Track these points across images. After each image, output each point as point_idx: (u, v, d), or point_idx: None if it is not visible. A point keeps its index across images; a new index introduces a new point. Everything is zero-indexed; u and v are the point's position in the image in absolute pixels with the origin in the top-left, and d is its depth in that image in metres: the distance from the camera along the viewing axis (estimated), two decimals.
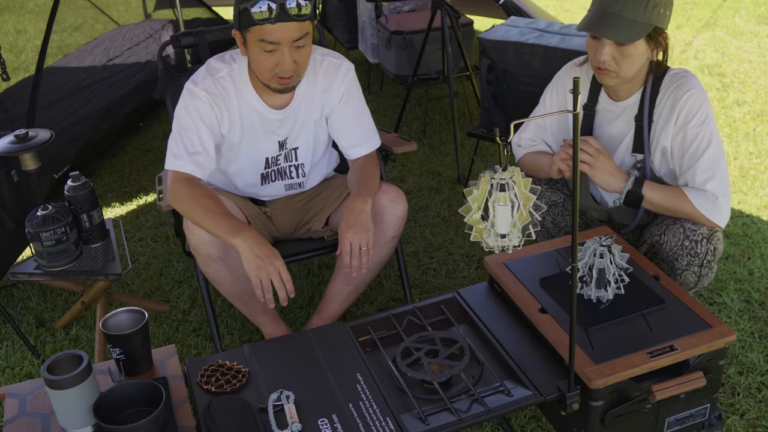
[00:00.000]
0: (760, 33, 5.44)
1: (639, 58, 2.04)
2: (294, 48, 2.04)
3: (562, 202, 2.34)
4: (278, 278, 2.00)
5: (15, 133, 2.28)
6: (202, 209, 2.09)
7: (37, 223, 2.20)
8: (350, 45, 4.77)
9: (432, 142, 4.02)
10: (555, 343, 1.79)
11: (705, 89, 2.11)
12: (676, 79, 2.11)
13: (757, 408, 2.15)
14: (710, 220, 2.06)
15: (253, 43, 2.05)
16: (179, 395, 1.74)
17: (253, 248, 2.01)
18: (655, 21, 1.99)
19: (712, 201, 2.05)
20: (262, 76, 2.11)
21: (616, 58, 2.03)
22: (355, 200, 2.18)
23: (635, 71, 2.07)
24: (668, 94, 2.10)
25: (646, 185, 2.12)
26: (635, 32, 1.99)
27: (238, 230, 2.05)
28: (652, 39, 2.03)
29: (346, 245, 2.11)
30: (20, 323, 2.72)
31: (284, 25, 1.99)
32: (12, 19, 4.70)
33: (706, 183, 2.06)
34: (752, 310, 2.56)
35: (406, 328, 1.98)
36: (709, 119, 2.06)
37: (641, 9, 1.97)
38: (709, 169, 2.06)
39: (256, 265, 2.00)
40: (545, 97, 2.38)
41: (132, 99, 4.16)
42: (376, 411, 1.68)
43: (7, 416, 1.70)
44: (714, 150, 2.06)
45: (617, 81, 2.10)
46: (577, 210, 1.50)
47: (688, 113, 2.07)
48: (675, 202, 2.09)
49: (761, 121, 4.02)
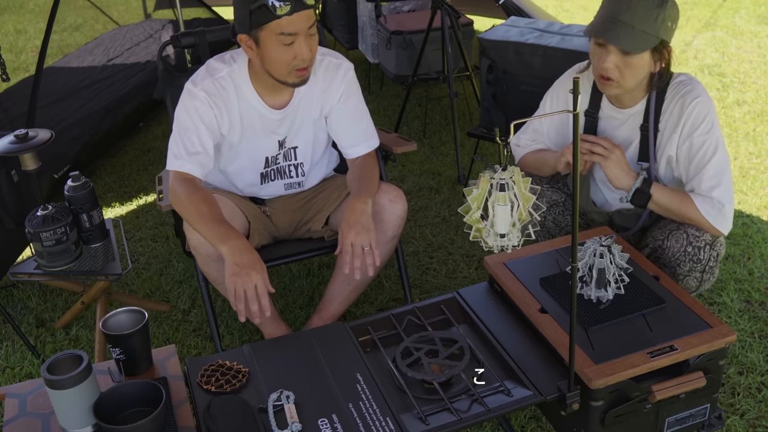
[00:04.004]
0: (760, 33, 5.44)
1: (642, 69, 2.04)
2: (308, 36, 2.07)
3: (563, 202, 2.34)
4: (252, 291, 1.97)
5: (15, 133, 2.28)
6: (196, 213, 2.09)
7: (37, 223, 2.20)
8: (350, 45, 4.77)
9: (432, 142, 4.02)
10: (555, 343, 1.79)
11: (706, 89, 2.11)
12: (682, 86, 2.09)
13: (757, 408, 2.15)
14: (714, 227, 2.07)
15: (270, 40, 2.04)
16: (179, 395, 1.74)
17: (236, 256, 1.99)
18: (662, 34, 1.99)
19: (718, 208, 2.05)
20: (280, 72, 2.10)
21: (619, 67, 2.02)
22: (356, 200, 2.18)
23: (636, 82, 2.07)
24: (675, 102, 2.09)
25: (655, 186, 2.12)
26: (643, 43, 1.97)
27: (227, 238, 2.04)
28: (657, 51, 2.02)
29: (346, 245, 2.11)
30: (20, 323, 2.72)
31: (299, 15, 2.01)
32: (12, 19, 4.70)
33: (713, 190, 2.05)
34: (752, 310, 2.56)
35: (406, 328, 1.98)
36: (715, 127, 2.06)
37: (651, 20, 1.96)
38: (715, 177, 2.06)
39: (231, 273, 1.98)
40: (545, 102, 2.38)
41: (132, 99, 4.16)
42: (376, 411, 1.68)
43: (7, 416, 1.70)
44: (720, 157, 2.06)
45: (618, 91, 2.09)
46: (577, 210, 1.50)
47: (694, 121, 2.06)
48: (681, 206, 2.09)
49: (761, 121, 4.02)
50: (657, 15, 1.96)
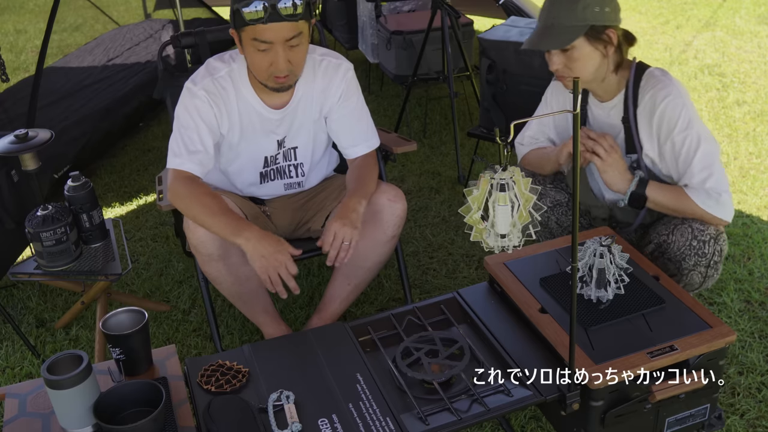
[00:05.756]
0: (760, 33, 5.44)
1: (588, 58, 2.08)
2: (288, 47, 2.05)
3: (566, 202, 2.34)
4: (285, 272, 2.03)
5: (15, 133, 2.28)
6: (203, 208, 2.09)
7: (37, 223, 2.20)
8: (350, 45, 4.77)
9: (432, 142, 4.02)
10: (555, 343, 1.79)
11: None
12: (653, 82, 2.11)
13: (757, 408, 2.15)
14: (716, 217, 2.07)
15: (248, 43, 2.06)
16: (179, 395, 1.74)
17: (257, 247, 2.03)
18: (591, 20, 2.04)
19: (715, 198, 2.06)
20: (259, 75, 2.12)
21: (566, 64, 2.11)
22: (350, 198, 2.19)
23: (591, 71, 2.11)
24: (647, 99, 2.11)
25: (650, 186, 2.13)
26: (568, 36, 2.05)
27: (241, 229, 2.05)
28: (594, 37, 2.06)
29: (329, 235, 2.11)
30: (20, 323, 2.72)
31: (276, 25, 2.00)
32: (12, 19, 4.71)
33: (705, 182, 2.06)
34: (752, 310, 2.56)
35: (406, 328, 1.98)
36: (692, 122, 2.06)
37: (573, 13, 2.04)
38: (705, 169, 2.06)
39: (261, 264, 2.02)
40: (547, 96, 2.40)
41: (132, 99, 4.17)
42: (376, 411, 1.68)
43: (7, 416, 1.70)
44: (705, 149, 2.06)
45: (580, 85, 2.13)
46: (577, 210, 1.50)
47: (669, 122, 2.07)
48: (679, 202, 2.10)
49: (761, 121, 4.02)
50: (576, 6, 2.03)
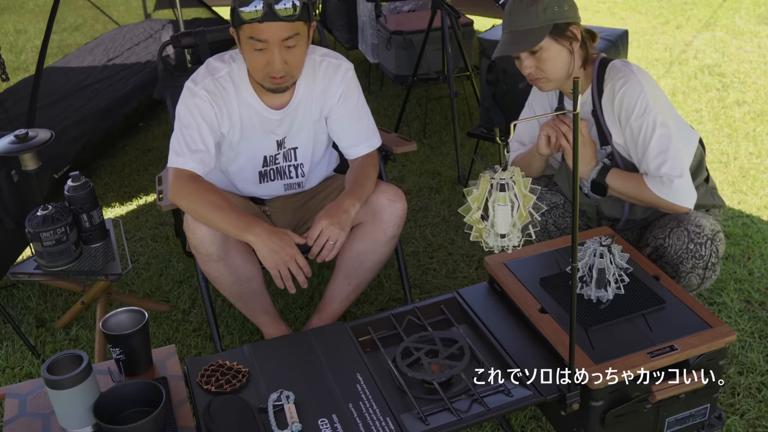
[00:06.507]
0: (760, 33, 5.44)
1: (557, 57, 2.11)
2: (284, 48, 2.05)
3: (563, 204, 2.34)
4: (295, 266, 2.05)
5: (15, 133, 2.28)
6: (209, 205, 2.10)
7: (37, 223, 2.20)
8: (350, 45, 4.77)
9: (432, 142, 4.02)
10: (555, 343, 1.79)
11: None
12: (613, 73, 2.13)
13: (757, 408, 2.15)
14: (674, 203, 2.09)
15: (245, 41, 2.06)
16: (179, 395, 1.74)
17: (266, 242, 2.05)
18: (552, 19, 2.06)
19: (668, 185, 2.07)
20: (256, 75, 2.12)
21: (537, 66, 2.13)
22: (344, 198, 2.19)
23: (562, 69, 2.13)
24: (608, 89, 2.14)
25: (611, 174, 2.15)
26: (534, 37, 2.07)
27: (250, 225, 2.07)
28: (559, 35, 2.09)
29: (315, 231, 2.12)
30: (20, 323, 2.72)
31: (273, 25, 2.00)
32: (12, 19, 4.71)
33: (660, 168, 2.07)
34: (752, 310, 2.56)
35: (406, 328, 1.98)
36: (649, 108, 2.06)
37: (533, 16, 2.07)
38: (660, 154, 2.07)
39: (272, 259, 2.05)
40: (530, 101, 2.44)
41: (132, 99, 4.17)
42: (376, 411, 1.68)
43: (7, 416, 1.70)
44: (661, 134, 2.06)
45: (552, 85, 2.17)
46: (577, 209, 1.50)
47: (627, 108, 2.09)
48: (637, 191, 2.12)
49: (761, 121, 4.02)
50: (536, 8, 2.06)
